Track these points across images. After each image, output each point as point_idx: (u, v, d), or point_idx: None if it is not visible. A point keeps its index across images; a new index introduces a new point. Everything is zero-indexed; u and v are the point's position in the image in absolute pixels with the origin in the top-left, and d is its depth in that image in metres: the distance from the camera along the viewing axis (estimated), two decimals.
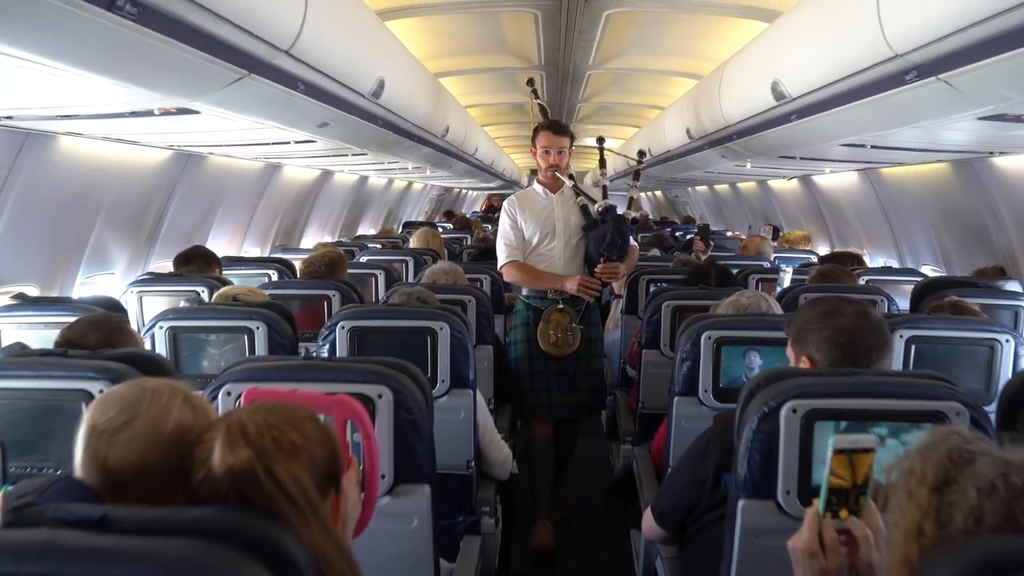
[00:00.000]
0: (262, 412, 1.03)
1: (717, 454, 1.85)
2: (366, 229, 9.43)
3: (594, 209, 3.35)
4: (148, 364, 1.82)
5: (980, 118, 2.13)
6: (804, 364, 1.82)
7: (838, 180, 5.82)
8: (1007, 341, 2.45)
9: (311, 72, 2.29)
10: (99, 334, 1.96)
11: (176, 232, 4.39)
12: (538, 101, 3.79)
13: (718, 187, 10.45)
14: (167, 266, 4.28)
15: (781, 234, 7.97)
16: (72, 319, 2.56)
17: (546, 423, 3.53)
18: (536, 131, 3.42)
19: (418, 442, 1.77)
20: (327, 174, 6.87)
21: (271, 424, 1.00)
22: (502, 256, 3.43)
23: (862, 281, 4.03)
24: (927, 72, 1.86)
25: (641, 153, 3.87)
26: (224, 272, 3.82)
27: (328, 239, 7.65)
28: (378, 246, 6.17)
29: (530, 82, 3.92)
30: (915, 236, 4.98)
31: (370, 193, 9.15)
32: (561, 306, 3.36)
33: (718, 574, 1.76)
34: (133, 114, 2.18)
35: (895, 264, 5.22)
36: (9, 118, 2.30)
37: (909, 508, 0.98)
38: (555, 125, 3.43)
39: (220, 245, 5.04)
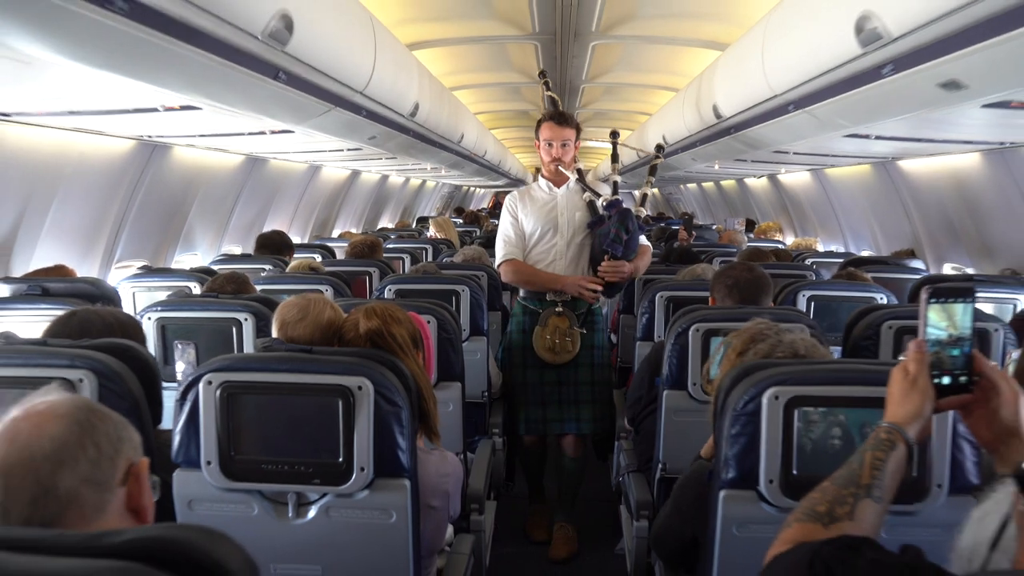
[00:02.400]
0: (381, 304, 1.90)
1: (652, 366, 2.71)
2: (385, 223, 10.31)
3: (599, 203, 3.05)
4: (269, 304, 2.68)
5: (845, 136, 2.97)
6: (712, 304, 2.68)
7: (797, 178, 6.65)
8: (881, 299, 3.29)
9: (372, 103, 3.17)
10: (234, 285, 2.83)
11: (241, 223, 5.27)
12: (549, 93, 3.51)
13: (705, 184, 11.27)
14: (234, 249, 5.17)
15: (757, 226, 8.81)
16: (180, 284, 3.47)
17: (540, 438, 3.31)
18: (539, 123, 3.14)
19: (453, 352, 2.63)
20: (355, 174, 7.75)
21: (387, 308, 1.87)
22: (500, 254, 3.16)
23: (809, 262, 4.92)
24: (799, 106, 2.70)
25: (659, 147, 3.46)
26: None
27: (354, 231, 8.53)
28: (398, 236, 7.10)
29: (542, 74, 3.68)
30: (856, 225, 5.82)
31: (389, 191, 10.02)
32: (559, 309, 3.07)
33: (654, 448, 2.61)
34: (250, 133, 3.07)
35: (842, 249, 6.07)
36: (161, 136, 3.18)
37: (723, 365, 1.82)
38: (559, 116, 3.10)
39: None
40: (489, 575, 2.67)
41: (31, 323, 2.56)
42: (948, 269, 4.46)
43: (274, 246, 4.22)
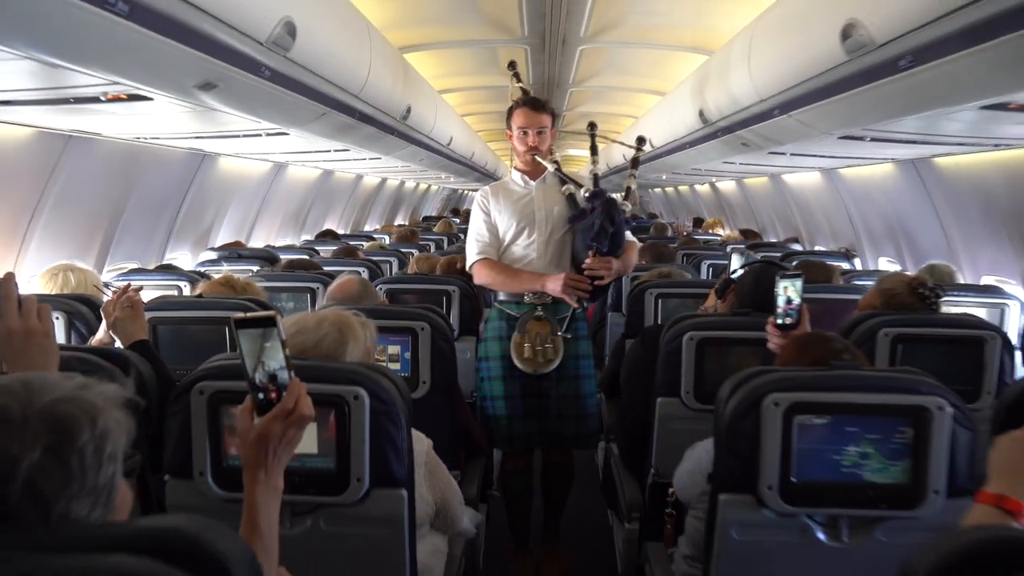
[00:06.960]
0: (457, 255, 3.59)
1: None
2: (399, 220, 12.00)
3: (581, 195, 2.71)
4: (378, 265, 4.35)
5: (738, 162, 4.67)
6: None
7: (727, 186, 8.40)
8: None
9: (426, 138, 4.86)
10: (344, 252, 4.49)
11: (312, 220, 6.95)
12: (520, 85, 3.17)
13: (667, 189, 13.04)
14: (309, 237, 6.85)
15: (704, 222, 10.57)
16: (297, 257, 5.13)
17: (523, 456, 2.89)
18: (511, 110, 2.81)
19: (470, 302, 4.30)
20: (383, 181, 9.43)
21: (460, 256, 3.56)
22: (471, 254, 2.81)
23: (729, 248, 6.67)
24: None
25: (640, 140, 3.18)
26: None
27: (378, 226, 10.20)
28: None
29: (511, 65, 3.31)
30: (764, 221, 7.58)
31: (404, 194, 11.73)
32: (540, 313, 2.70)
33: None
34: (356, 159, 4.76)
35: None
36: (297, 162, 4.86)
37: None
38: (533, 101, 2.79)
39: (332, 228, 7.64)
40: None
41: (236, 273, 4.21)
42: (818, 247, 6.20)
43: (331, 236, 5.99)
